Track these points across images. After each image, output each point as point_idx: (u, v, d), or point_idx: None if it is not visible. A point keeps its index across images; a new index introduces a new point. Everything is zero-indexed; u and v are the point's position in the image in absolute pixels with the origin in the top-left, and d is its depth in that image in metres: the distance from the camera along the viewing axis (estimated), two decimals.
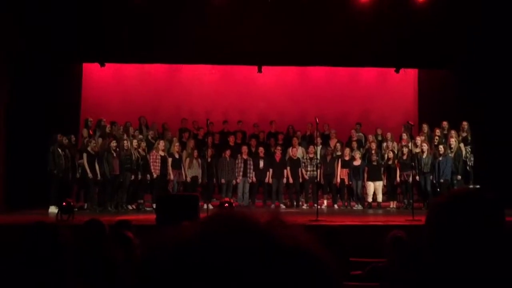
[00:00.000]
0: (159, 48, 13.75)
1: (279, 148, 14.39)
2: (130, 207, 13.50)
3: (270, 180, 14.20)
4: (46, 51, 13.42)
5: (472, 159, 13.84)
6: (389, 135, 14.71)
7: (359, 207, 14.05)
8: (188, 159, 13.98)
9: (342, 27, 13.68)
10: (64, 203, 11.01)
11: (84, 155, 13.16)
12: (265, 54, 13.87)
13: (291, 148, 14.46)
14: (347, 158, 14.26)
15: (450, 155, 13.53)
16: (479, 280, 1.44)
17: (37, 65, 13.79)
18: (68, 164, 13.29)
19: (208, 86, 16.96)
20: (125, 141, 13.46)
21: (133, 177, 13.46)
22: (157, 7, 13.62)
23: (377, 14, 13.69)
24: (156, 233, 0.82)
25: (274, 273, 0.75)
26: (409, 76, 16.81)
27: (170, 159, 13.76)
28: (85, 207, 13.19)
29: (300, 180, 14.31)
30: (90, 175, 13.05)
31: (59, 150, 13.04)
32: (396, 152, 14.22)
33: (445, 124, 14.37)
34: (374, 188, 14.02)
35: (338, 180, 14.29)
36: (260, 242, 0.77)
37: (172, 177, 13.76)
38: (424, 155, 13.59)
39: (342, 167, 14.27)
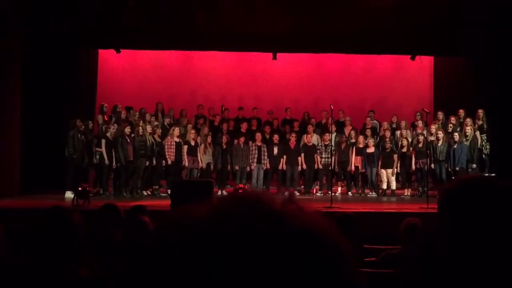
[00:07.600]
0: (174, 35, 13.73)
1: (293, 135, 14.34)
2: (145, 193, 13.58)
3: (284, 167, 14.20)
4: (63, 37, 13.47)
5: (488, 147, 13.73)
6: (403, 123, 14.60)
7: (373, 194, 14.02)
8: (202, 146, 14.00)
9: (358, 14, 13.57)
10: (80, 188, 11.12)
11: (103, 141, 13.21)
12: (280, 40, 13.81)
13: (305, 135, 14.43)
14: (361, 145, 14.21)
15: (465, 143, 13.42)
16: (491, 268, 1.44)
17: (53, 51, 13.86)
18: (84, 149, 13.37)
19: (223, 73, 16.92)
20: (140, 127, 13.51)
21: (148, 163, 13.52)
22: None
23: (393, 1, 13.56)
24: (169, 213, 0.83)
25: (285, 255, 0.74)
26: (425, 64, 16.64)
27: (185, 146, 13.79)
28: (101, 192, 13.29)
29: (316, 166, 14.29)
30: (107, 161, 13.12)
31: (78, 135, 13.14)
32: (410, 139, 14.14)
33: (461, 112, 14.26)
34: (387, 175, 13.98)
35: (353, 167, 14.25)
36: (271, 223, 0.76)
37: (186, 163, 13.80)
38: (440, 143, 13.49)
39: (357, 154, 14.21)
